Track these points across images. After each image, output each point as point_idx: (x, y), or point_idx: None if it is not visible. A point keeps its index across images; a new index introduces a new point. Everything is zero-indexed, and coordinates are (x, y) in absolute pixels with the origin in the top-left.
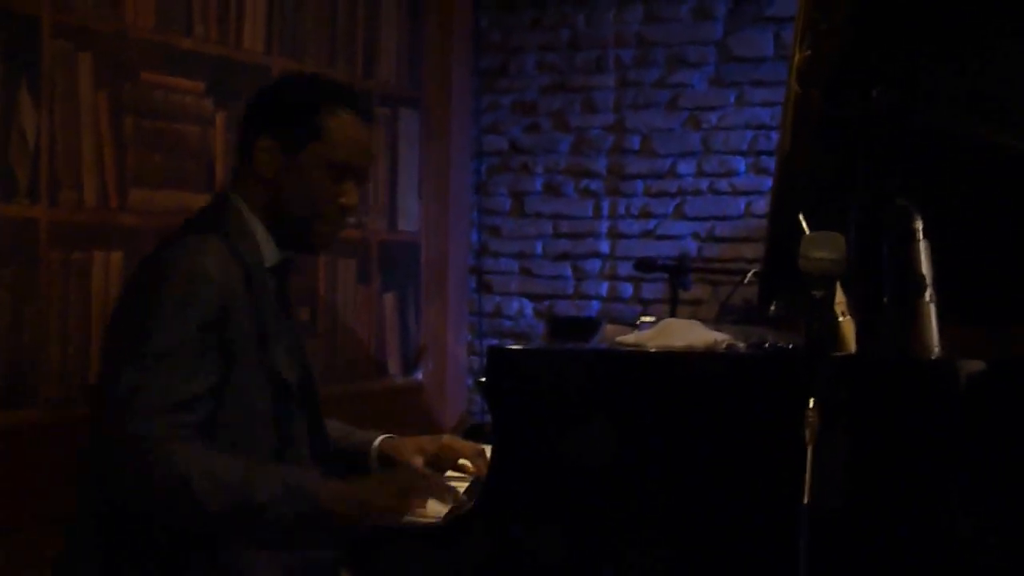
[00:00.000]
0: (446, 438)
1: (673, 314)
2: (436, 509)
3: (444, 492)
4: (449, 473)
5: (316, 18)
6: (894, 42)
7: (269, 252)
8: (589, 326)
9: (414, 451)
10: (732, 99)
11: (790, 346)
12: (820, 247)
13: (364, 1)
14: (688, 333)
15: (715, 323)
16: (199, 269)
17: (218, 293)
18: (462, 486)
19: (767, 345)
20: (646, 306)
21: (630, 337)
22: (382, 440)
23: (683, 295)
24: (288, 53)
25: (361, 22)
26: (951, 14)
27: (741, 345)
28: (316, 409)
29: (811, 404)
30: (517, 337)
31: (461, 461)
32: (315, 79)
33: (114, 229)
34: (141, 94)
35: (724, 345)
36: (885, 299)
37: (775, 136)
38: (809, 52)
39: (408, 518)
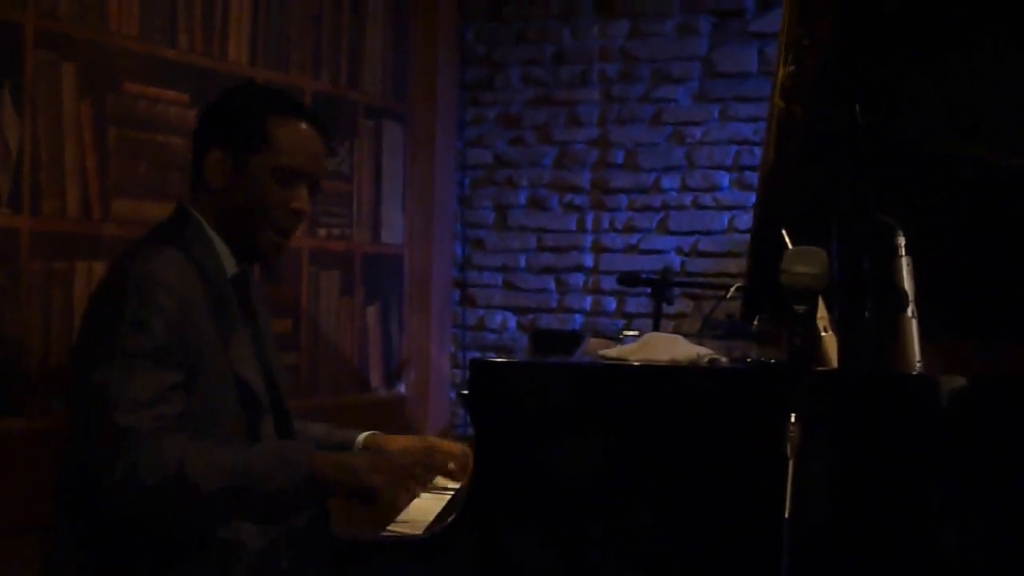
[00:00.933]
0: (432, 439)
1: (656, 328)
2: (425, 507)
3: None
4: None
5: (300, 30)
6: (877, 58)
7: (228, 262)
8: (572, 340)
9: (397, 447)
10: (716, 114)
11: (772, 361)
12: (802, 262)
13: (349, 13)
14: (671, 347)
15: (698, 338)
16: (156, 276)
17: (175, 297)
18: (443, 499)
19: (749, 360)
20: (629, 320)
21: (613, 351)
22: (368, 435)
23: (666, 309)
24: (272, 64)
25: (346, 34)
26: (933, 30)
27: (723, 360)
28: (284, 414)
29: (793, 419)
30: (500, 350)
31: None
32: (261, 89)
33: (97, 239)
34: (125, 104)
35: (707, 359)
36: (866, 314)
37: (759, 151)
38: (792, 68)
39: (390, 529)
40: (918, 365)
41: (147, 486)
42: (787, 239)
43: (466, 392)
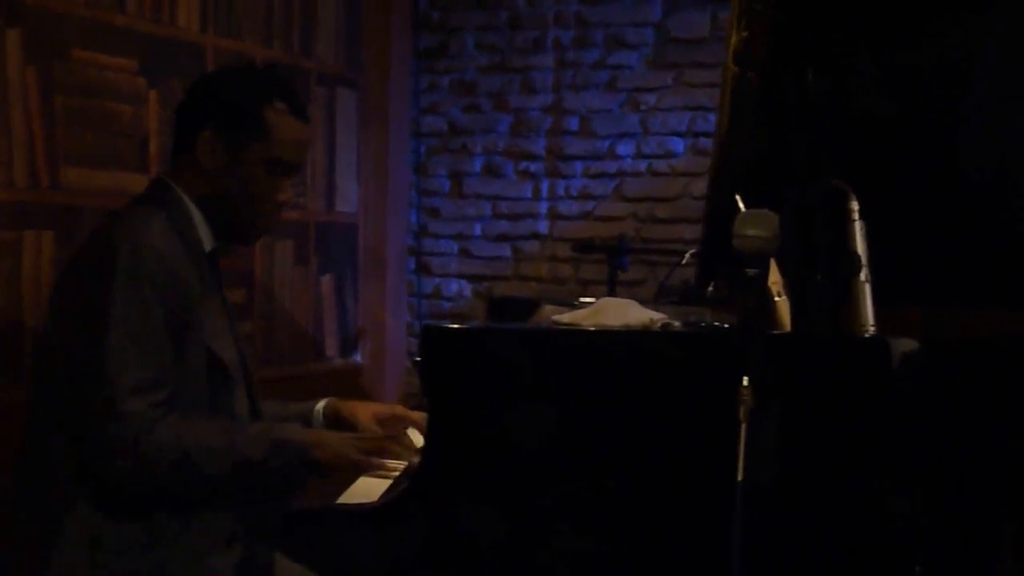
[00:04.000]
0: (399, 407)
1: (612, 295)
2: (370, 486)
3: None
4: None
5: None
6: (828, 23)
7: (206, 238)
8: (528, 307)
9: (368, 414)
10: (670, 80)
11: (725, 325)
12: (753, 225)
13: None
14: (624, 312)
15: (654, 304)
16: (146, 242)
17: (166, 266)
18: (399, 467)
19: (703, 325)
20: (586, 287)
21: (565, 316)
22: (329, 401)
23: (622, 276)
24: (224, 32)
25: (298, 0)
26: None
27: (676, 324)
28: (252, 388)
29: (745, 382)
30: (457, 318)
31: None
32: (260, 75)
33: (45, 208)
34: (72, 71)
35: (659, 324)
36: (819, 278)
37: (713, 117)
38: (745, 33)
39: (346, 494)
40: (871, 329)
41: (150, 473)
42: (741, 205)
43: (418, 359)
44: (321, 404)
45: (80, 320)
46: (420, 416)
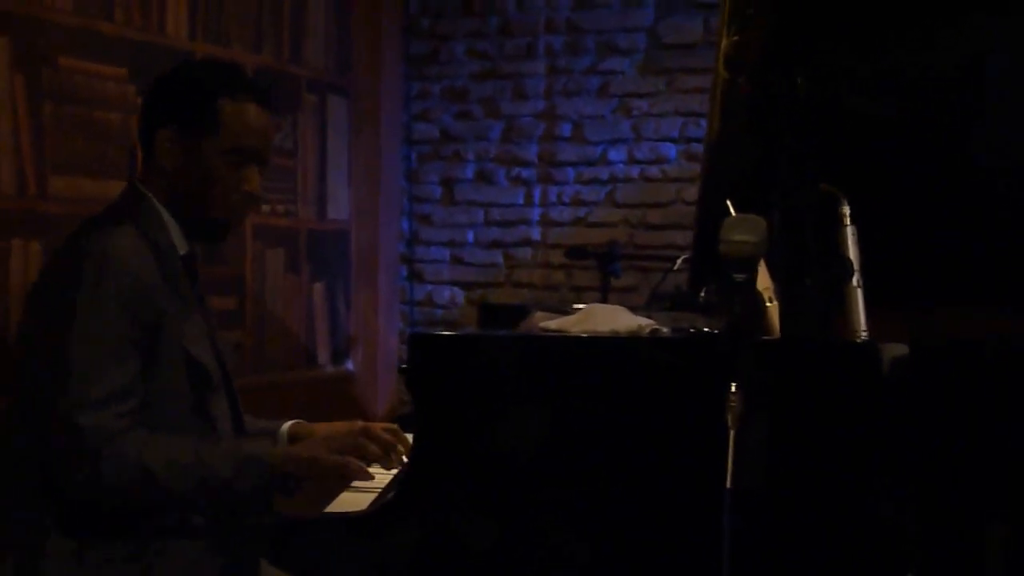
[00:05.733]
0: (359, 424)
1: (605, 301)
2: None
3: (390, 456)
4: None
5: (241, 2)
6: (819, 28)
7: (179, 241)
8: (520, 314)
9: (327, 433)
10: (663, 86)
11: (715, 331)
12: (740, 230)
13: None
14: (612, 318)
15: (646, 310)
16: (112, 254)
17: (133, 277)
18: (386, 477)
19: (692, 330)
20: (579, 293)
21: (553, 323)
22: (292, 423)
23: (615, 282)
24: (212, 39)
25: (288, 7)
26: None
27: (665, 330)
28: (233, 392)
29: (733, 388)
30: (449, 325)
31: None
32: (211, 66)
33: (33, 217)
34: (60, 79)
35: (648, 330)
36: (809, 284)
37: (705, 123)
38: (736, 38)
39: (331, 507)
40: (863, 334)
41: (112, 488)
42: (732, 209)
43: (404, 366)
44: (287, 425)
45: (44, 332)
46: (385, 427)
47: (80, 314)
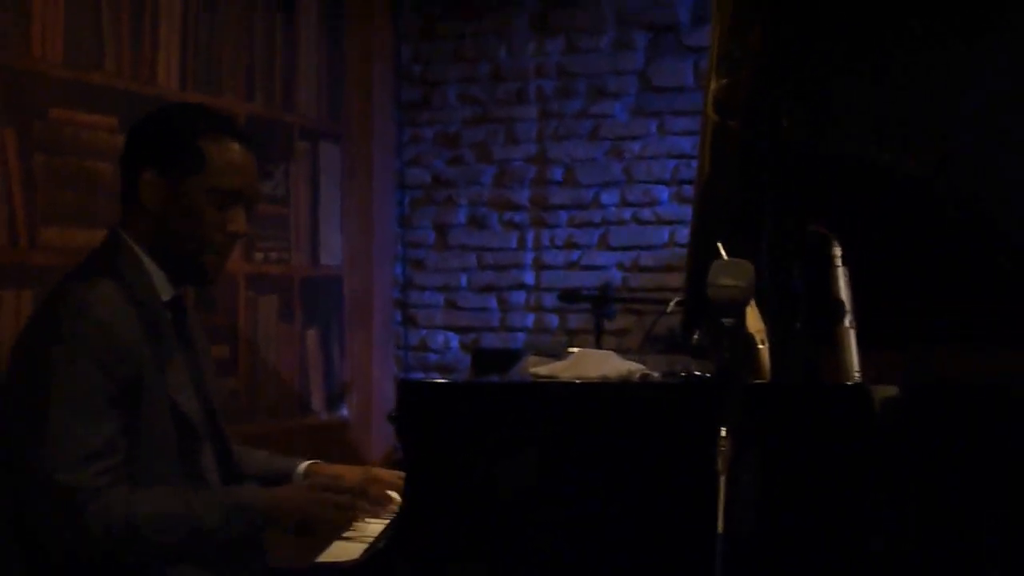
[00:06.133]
0: (373, 469)
1: (598, 345)
2: (372, 529)
3: (382, 505)
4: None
5: (232, 51)
6: (806, 70)
7: (163, 286)
8: (514, 358)
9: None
10: (654, 128)
11: (704, 375)
12: (728, 274)
13: (281, 33)
14: (602, 364)
15: (639, 353)
16: (89, 312)
17: (109, 335)
18: (379, 525)
19: (683, 374)
20: (572, 337)
21: (544, 368)
22: (309, 464)
23: (608, 325)
24: (204, 88)
25: (279, 55)
26: (862, 41)
27: (655, 375)
28: (222, 441)
29: (724, 432)
30: (443, 370)
31: (389, 492)
32: (192, 108)
33: (24, 268)
34: (51, 130)
35: (638, 375)
36: (799, 326)
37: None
38: (724, 81)
39: (322, 557)
40: (856, 376)
41: (98, 545)
42: (723, 252)
43: (394, 414)
44: (303, 466)
45: (23, 390)
46: (393, 475)
47: (57, 372)
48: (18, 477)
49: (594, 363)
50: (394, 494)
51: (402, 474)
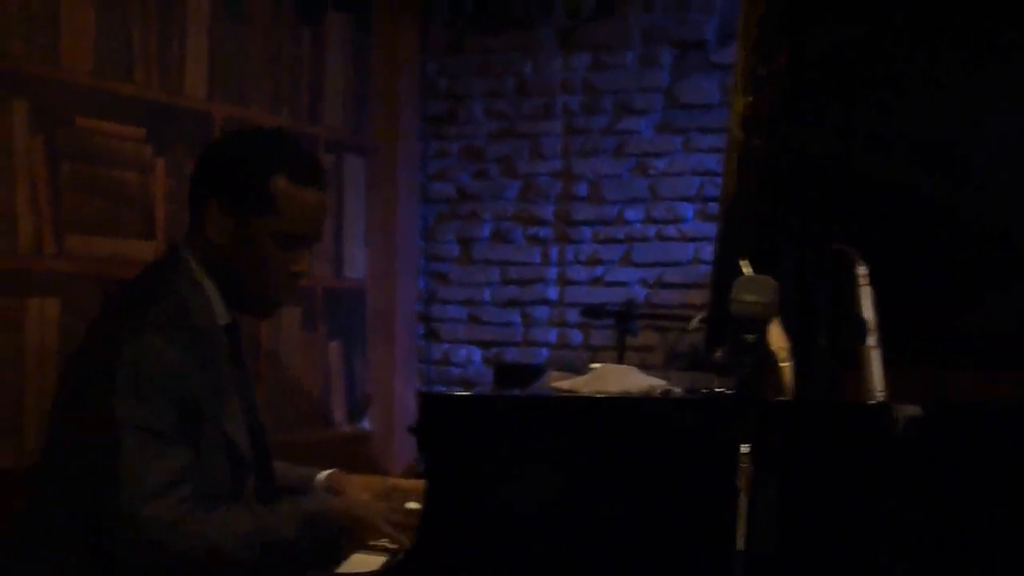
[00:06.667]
0: (392, 480)
1: (621, 361)
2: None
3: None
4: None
5: (260, 63)
6: (832, 88)
7: (220, 311)
8: (536, 373)
9: (361, 489)
10: (679, 145)
11: (726, 391)
12: (751, 291)
13: (309, 46)
14: (623, 379)
15: (662, 370)
16: (150, 344)
17: (169, 364)
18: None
19: (705, 391)
20: (595, 353)
21: (565, 383)
22: (330, 473)
23: (631, 341)
24: (231, 99)
25: (306, 67)
26: (888, 60)
27: (677, 391)
28: (266, 461)
29: (744, 449)
30: (465, 384)
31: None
32: (267, 143)
33: (50, 276)
34: (78, 140)
35: (659, 391)
36: (823, 344)
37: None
38: (750, 98)
39: (342, 567)
40: (880, 395)
41: (177, 573)
42: (747, 269)
43: (414, 427)
44: (323, 475)
45: (90, 423)
46: (414, 485)
47: (123, 404)
48: (89, 504)
49: (615, 378)
50: (414, 504)
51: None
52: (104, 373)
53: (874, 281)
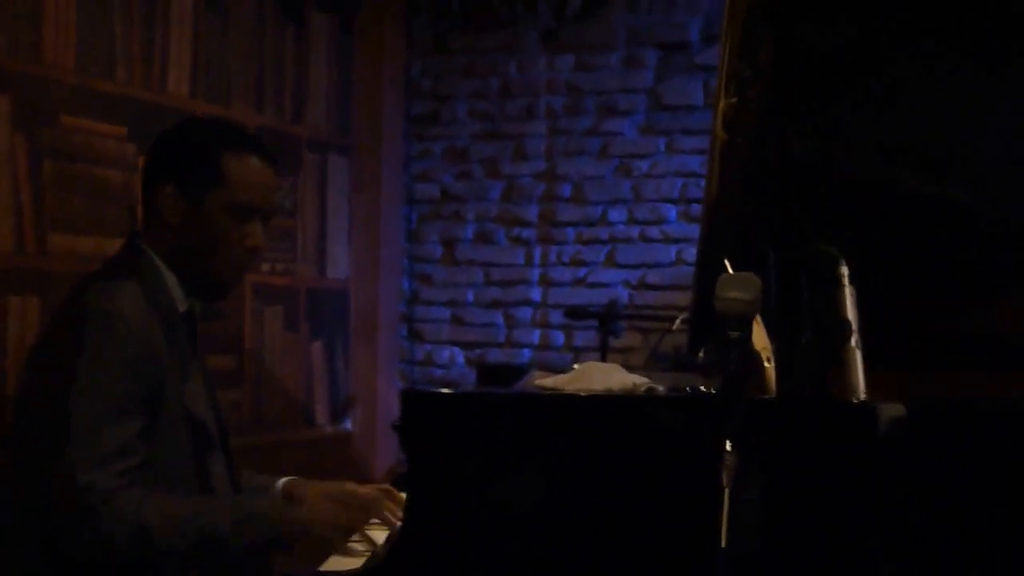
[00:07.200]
0: (348, 485)
1: (604, 361)
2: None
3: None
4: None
5: (243, 62)
6: (816, 89)
7: (179, 297)
8: (519, 374)
9: (316, 493)
10: (663, 147)
11: (712, 390)
12: (735, 288)
13: (292, 46)
14: (607, 377)
15: (645, 370)
16: (116, 311)
17: (137, 337)
18: (381, 535)
19: (688, 389)
20: (578, 354)
21: (548, 381)
22: (287, 481)
23: (614, 343)
24: (214, 98)
25: (290, 67)
26: (872, 62)
27: (660, 389)
28: (229, 451)
29: (728, 446)
30: (448, 386)
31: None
32: (213, 123)
33: (32, 274)
34: (61, 137)
35: (643, 388)
36: (805, 343)
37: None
38: (734, 99)
39: (324, 566)
40: (862, 395)
41: (110, 547)
42: (729, 269)
43: (398, 424)
44: (281, 482)
45: (46, 391)
46: (369, 492)
47: (83, 373)
48: (38, 477)
49: (600, 376)
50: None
51: (386, 487)
52: (66, 345)
53: (856, 282)
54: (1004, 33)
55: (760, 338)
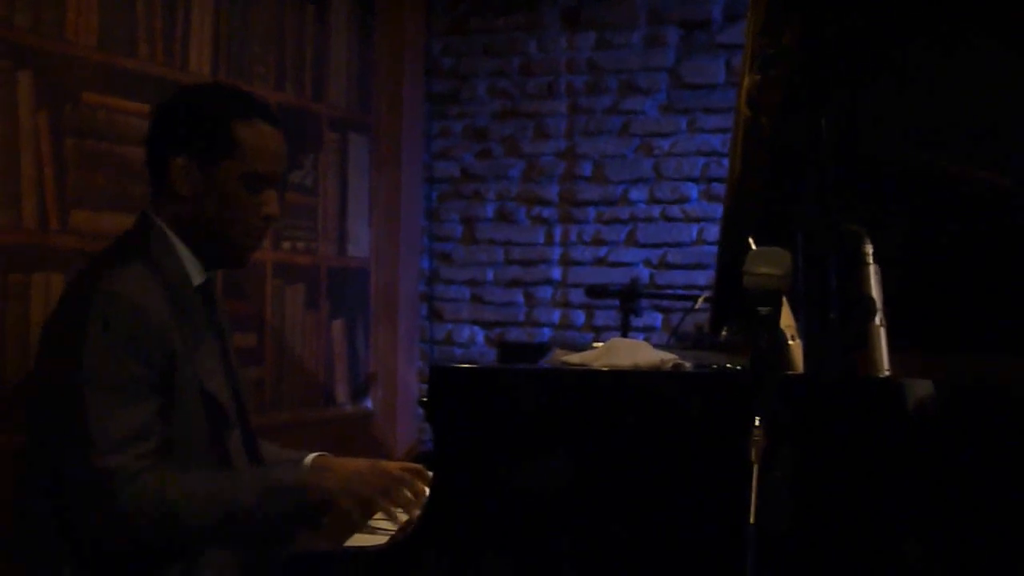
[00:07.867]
0: (381, 462)
1: None
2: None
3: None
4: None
5: (264, 40)
6: (842, 68)
7: (194, 271)
8: (540, 352)
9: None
10: (684, 126)
11: (738, 367)
12: (765, 262)
13: (314, 24)
14: (634, 352)
15: (667, 349)
16: (121, 294)
17: (142, 318)
18: (406, 515)
19: (715, 366)
20: (598, 333)
21: (575, 357)
22: (316, 456)
23: (635, 322)
24: (235, 75)
25: (310, 45)
26: (898, 41)
27: (687, 365)
28: (248, 425)
29: (757, 423)
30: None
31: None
32: (220, 90)
33: (55, 252)
34: (83, 115)
35: (670, 364)
36: (832, 321)
37: (727, 163)
38: (758, 77)
39: (349, 542)
40: (886, 373)
41: (136, 530)
42: (754, 247)
43: (425, 399)
44: (310, 458)
45: (58, 376)
46: (399, 467)
47: (91, 357)
48: (56, 463)
49: (626, 352)
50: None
51: (417, 466)
52: (75, 329)
53: (881, 261)
54: None
55: (784, 316)
